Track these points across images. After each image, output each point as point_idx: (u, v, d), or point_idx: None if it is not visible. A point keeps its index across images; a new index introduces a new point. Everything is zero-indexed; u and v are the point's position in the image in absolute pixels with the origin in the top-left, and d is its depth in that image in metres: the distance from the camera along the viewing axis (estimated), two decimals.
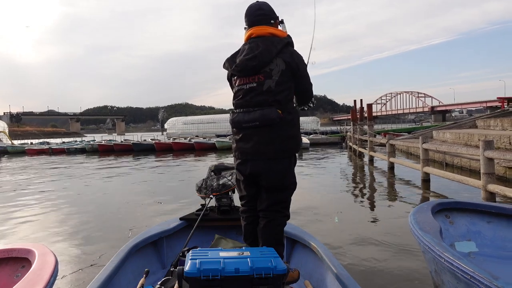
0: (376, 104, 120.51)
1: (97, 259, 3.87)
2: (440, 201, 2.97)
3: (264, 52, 2.09)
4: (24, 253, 1.98)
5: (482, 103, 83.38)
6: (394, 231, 4.47)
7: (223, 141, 26.39)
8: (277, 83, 2.08)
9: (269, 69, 2.09)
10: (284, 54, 2.11)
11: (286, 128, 2.10)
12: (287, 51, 2.13)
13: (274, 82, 2.08)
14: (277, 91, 2.08)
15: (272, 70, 2.09)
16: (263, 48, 2.10)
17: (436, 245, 2.03)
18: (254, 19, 2.20)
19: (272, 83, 2.08)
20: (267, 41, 2.13)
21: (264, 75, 2.10)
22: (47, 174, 12.86)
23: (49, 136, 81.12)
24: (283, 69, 2.09)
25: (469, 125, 16.85)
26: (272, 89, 2.08)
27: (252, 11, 2.22)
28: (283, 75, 2.09)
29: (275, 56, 2.09)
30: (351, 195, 7.45)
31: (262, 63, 2.09)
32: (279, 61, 2.09)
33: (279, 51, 2.10)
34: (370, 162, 12.77)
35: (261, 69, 2.10)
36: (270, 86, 2.08)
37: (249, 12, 2.23)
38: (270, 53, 2.09)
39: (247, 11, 2.24)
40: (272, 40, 2.13)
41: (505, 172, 7.69)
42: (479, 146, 5.59)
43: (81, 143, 32.04)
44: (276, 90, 2.08)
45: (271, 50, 2.09)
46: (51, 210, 6.54)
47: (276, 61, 2.09)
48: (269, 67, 2.09)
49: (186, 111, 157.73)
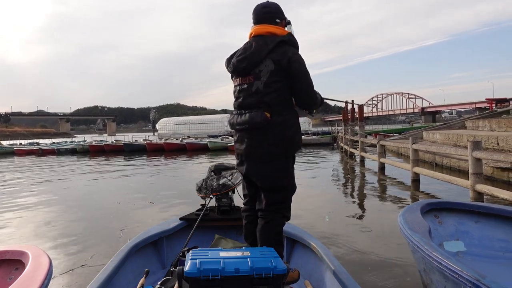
0: (367, 105, 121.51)
1: (89, 259, 3.84)
2: (429, 201, 3.00)
3: (254, 53, 2.09)
4: (17, 255, 1.95)
5: (471, 104, 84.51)
6: (384, 230, 4.52)
7: (215, 142, 26.36)
8: (265, 84, 2.07)
9: (258, 70, 2.09)
10: (274, 53, 2.08)
11: (276, 130, 2.07)
12: (279, 50, 2.08)
13: (262, 83, 2.08)
14: (265, 92, 2.07)
15: (261, 71, 2.09)
16: (254, 49, 2.10)
17: (425, 245, 2.06)
18: (259, 17, 2.20)
19: (260, 84, 2.08)
20: (261, 40, 2.12)
21: (254, 76, 2.10)
22: (37, 175, 12.71)
23: (39, 136, 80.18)
24: (272, 70, 2.07)
25: (458, 126, 17.04)
26: (260, 91, 2.08)
27: (258, 8, 2.23)
28: (272, 75, 2.07)
29: (265, 56, 2.08)
30: (342, 195, 7.50)
31: (251, 64, 2.09)
32: (268, 62, 2.08)
33: (270, 51, 2.08)
34: (361, 163, 12.86)
35: (251, 70, 2.11)
36: (258, 88, 2.08)
37: (255, 10, 2.24)
38: (260, 54, 2.08)
39: (254, 8, 2.25)
40: (266, 39, 2.11)
41: (493, 172, 7.81)
42: (468, 147, 5.67)
43: (72, 143, 31.71)
44: (264, 92, 2.07)
45: (262, 50, 2.08)
46: (40, 211, 6.46)
47: (265, 62, 2.08)
48: (259, 68, 2.09)
49: (178, 112, 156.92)
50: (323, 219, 5.23)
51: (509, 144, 8.24)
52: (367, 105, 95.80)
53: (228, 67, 2.23)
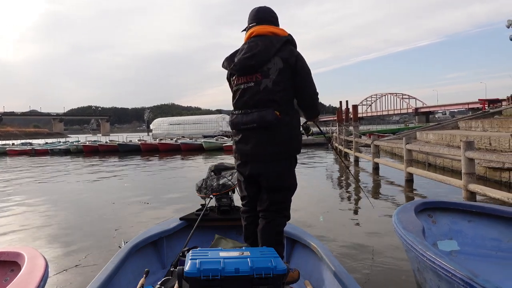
0: (362, 105, 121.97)
1: (83, 259, 3.83)
2: (423, 200, 3.03)
3: (263, 51, 2.08)
4: (13, 257, 1.94)
5: (464, 105, 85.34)
6: (378, 230, 4.54)
7: (210, 142, 26.30)
8: (274, 82, 2.07)
9: (267, 68, 2.08)
10: (282, 52, 2.09)
11: (284, 129, 2.09)
12: (286, 49, 2.11)
13: (271, 81, 2.07)
14: (275, 90, 2.07)
15: (270, 69, 2.08)
16: (262, 47, 2.09)
17: (419, 244, 2.08)
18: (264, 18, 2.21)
19: (269, 82, 2.07)
20: (266, 40, 2.12)
21: (262, 74, 2.09)
22: (29, 175, 12.60)
23: (31, 136, 79.62)
24: (281, 68, 2.08)
25: (451, 126, 17.19)
26: (269, 88, 2.07)
27: (262, 10, 2.24)
28: (281, 74, 2.08)
29: (273, 55, 2.08)
30: (337, 195, 7.52)
31: (260, 62, 2.08)
32: (277, 60, 2.08)
33: (278, 50, 2.09)
34: (356, 163, 12.91)
35: (259, 68, 2.09)
36: (267, 85, 2.07)
37: (259, 11, 2.23)
38: (268, 52, 2.08)
39: (256, 10, 2.24)
40: (271, 39, 2.13)
41: (486, 172, 7.88)
42: (460, 147, 5.72)
43: (65, 143, 31.47)
44: (273, 90, 2.07)
45: (270, 49, 2.09)
46: (32, 211, 6.40)
47: (274, 60, 2.08)
48: (267, 66, 2.08)
49: (173, 112, 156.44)
50: (318, 219, 5.25)
51: (501, 144, 8.33)
52: (361, 104, 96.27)
53: (230, 66, 2.20)
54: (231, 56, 2.23)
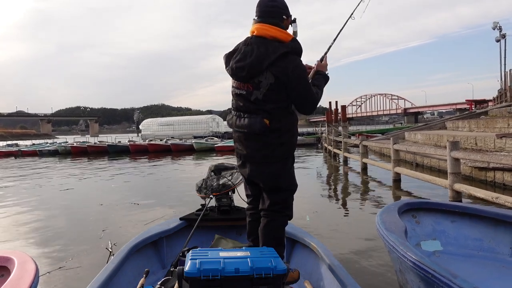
0: (352, 106, 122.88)
1: (70, 260, 3.78)
2: (407, 201, 3.05)
3: (254, 63, 2.01)
4: (2, 261, 1.90)
5: (452, 105, 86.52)
6: (365, 230, 4.56)
7: (201, 143, 26.22)
8: (264, 95, 2.03)
9: (258, 81, 2.03)
10: (275, 68, 2.00)
11: (274, 136, 2.08)
12: (281, 64, 2.00)
13: (262, 94, 2.03)
14: (265, 102, 2.04)
15: (261, 82, 2.03)
16: (255, 57, 2.01)
17: (400, 245, 2.08)
18: (265, 11, 2.08)
19: (260, 94, 2.04)
20: (262, 47, 2.01)
21: (253, 85, 2.05)
22: (16, 177, 12.41)
23: (18, 138, 78.51)
24: (272, 83, 2.01)
25: (439, 127, 17.40)
26: (259, 100, 2.04)
27: (265, 1, 2.09)
28: (271, 88, 2.02)
29: (265, 69, 2.01)
30: (325, 195, 7.56)
31: (251, 74, 2.03)
32: (268, 75, 2.01)
33: (271, 64, 1.99)
34: (345, 163, 12.99)
35: (250, 80, 2.05)
36: (257, 97, 2.04)
37: (261, 3, 2.11)
38: (260, 64, 2.00)
39: (260, 1, 2.12)
40: (269, 46, 2.01)
41: (472, 171, 7.99)
42: (446, 147, 5.78)
43: (53, 145, 31.05)
44: (264, 101, 2.04)
45: (263, 61, 2.00)
46: (19, 213, 6.30)
47: (265, 74, 2.01)
48: (258, 79, 2.03)
49: (163, 112, 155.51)
50: (304, 219, 5.26)
51: (487, 144, 8.45)
52: (351, 105, 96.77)
53: (227, 68, 2.16)
54: (229, 55, 2.16)
